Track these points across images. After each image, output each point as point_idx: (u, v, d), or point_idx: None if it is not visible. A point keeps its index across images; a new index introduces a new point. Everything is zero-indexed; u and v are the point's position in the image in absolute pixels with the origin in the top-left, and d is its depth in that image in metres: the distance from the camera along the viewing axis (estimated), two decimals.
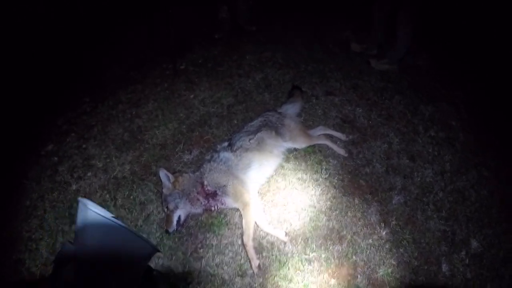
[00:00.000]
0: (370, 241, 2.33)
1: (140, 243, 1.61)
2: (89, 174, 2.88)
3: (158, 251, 1.76)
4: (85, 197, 2.63)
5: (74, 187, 2.79)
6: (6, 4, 4.43)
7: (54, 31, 5.07)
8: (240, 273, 2.18)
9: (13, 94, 4.00)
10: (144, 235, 2.27)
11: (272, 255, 2.24)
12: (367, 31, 4.02)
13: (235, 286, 2.14)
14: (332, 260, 2.23)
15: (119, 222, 1.61)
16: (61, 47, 4.93)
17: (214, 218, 2.45)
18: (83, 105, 3.70)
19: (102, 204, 2.61)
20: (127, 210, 2.56)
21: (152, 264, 2.13)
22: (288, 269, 2.18)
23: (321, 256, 2.24)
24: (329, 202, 2.52)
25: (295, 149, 2.81)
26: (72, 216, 2.56)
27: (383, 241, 2.35)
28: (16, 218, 2.65)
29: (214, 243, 2.32)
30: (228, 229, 2.40)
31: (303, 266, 2.19)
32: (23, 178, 2.94)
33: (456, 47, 4.28)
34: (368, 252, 2.28)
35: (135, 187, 2.71)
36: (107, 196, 2.67)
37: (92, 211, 1.62)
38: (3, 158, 3.16)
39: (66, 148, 3.16)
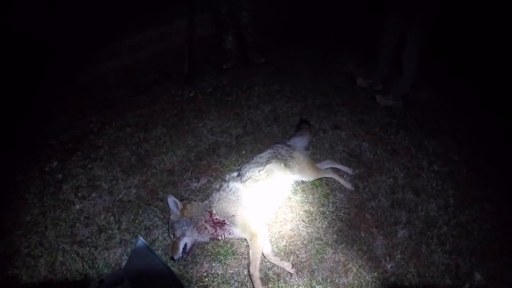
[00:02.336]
0: (376, 274, 2.32)
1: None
2: (93, 194, 2.86)
3: None
4: (88, 218, 2.66)
5: (77, 206, 2.75)
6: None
7: (59, 43, 5.14)
8: None
9: (18, 106, 4.00)
10: None
11: (278, 287, 2.21)
12: (372, 66, 4.14)
13: None
14: None
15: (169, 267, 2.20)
16: (67, 61, 4.98)
17: (220, 247, 2.42)
18: (89, 125, 3.70)
19: (106, 226, 2.60)
20: (131, 234, 2.52)
21: None
22: None
23: None
24: (335, 235, 2.52)
25: (303, 182, 2.82)
26: (74, 236, 2.54)
27: (388, 274, 2.34)
28: (15, 232, 2.60)
29: (220, 272, 2.29)
30: (234, 258, 2.37)
31: None
32: (24, 192, 2.90)
33: (456, 80, 4.43)
34: (373, 286, 2.26)
35: (140, 211, 2.68)
36: (112, 218, 2.64)
37: (148, 249, 2.24)
38: (5, 169, 3.13)
39: (71, 166, 3.15)
